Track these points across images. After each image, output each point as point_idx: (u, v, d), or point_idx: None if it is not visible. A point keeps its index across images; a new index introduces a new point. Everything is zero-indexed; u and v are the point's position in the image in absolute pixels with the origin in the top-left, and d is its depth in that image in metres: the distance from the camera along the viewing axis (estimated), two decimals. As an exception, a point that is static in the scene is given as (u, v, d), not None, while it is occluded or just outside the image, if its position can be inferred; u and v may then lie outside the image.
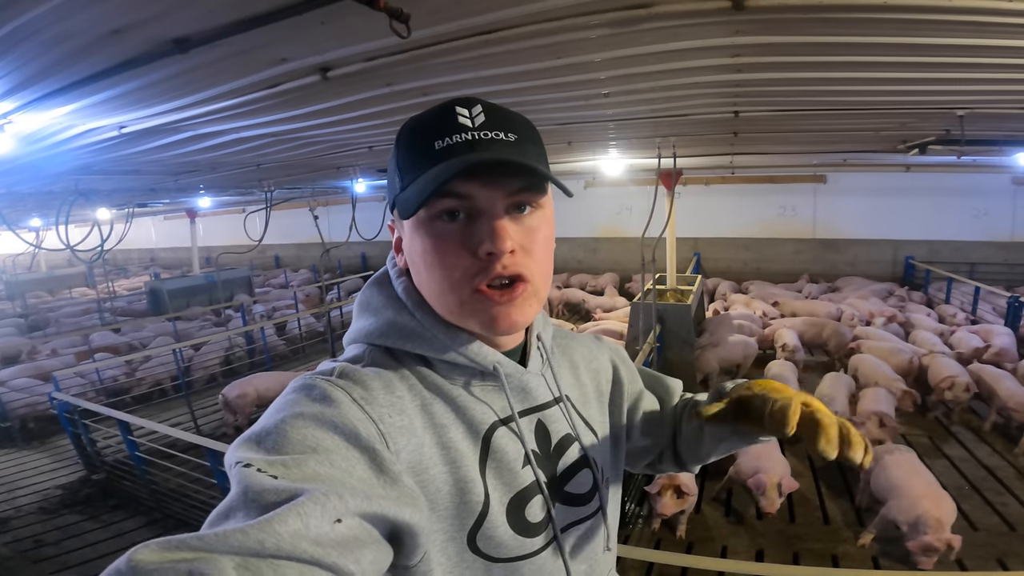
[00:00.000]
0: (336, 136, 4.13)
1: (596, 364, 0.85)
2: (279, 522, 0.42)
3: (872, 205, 8.98)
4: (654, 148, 4.90)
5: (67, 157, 3.68)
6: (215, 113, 2.88)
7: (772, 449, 3.47)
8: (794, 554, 3.24)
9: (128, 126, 3.09)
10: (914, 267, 8.84)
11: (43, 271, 12.36)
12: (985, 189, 8.25)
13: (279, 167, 5.89)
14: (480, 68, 2.34)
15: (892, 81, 2.55)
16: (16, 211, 7.94)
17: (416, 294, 0.67)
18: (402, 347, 0.65)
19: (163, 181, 6.14)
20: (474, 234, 0.60)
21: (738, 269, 9.82)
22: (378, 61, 2.13)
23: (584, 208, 10.55)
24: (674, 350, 5.28)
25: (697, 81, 2.65)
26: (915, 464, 3.30)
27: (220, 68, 2.06)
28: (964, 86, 2.60)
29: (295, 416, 0.53)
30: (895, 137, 4.65)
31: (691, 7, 1.59)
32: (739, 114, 3.49)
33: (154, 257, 16.22)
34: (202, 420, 5.39)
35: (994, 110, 3.18)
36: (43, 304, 10.39)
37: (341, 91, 2.61)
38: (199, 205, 9.50)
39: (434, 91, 2.81)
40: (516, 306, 0.62)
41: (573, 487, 0.72)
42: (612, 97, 3.00)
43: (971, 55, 2.08)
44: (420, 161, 0.61)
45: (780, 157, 6.59)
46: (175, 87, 2.30)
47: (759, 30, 1.89)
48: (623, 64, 2.33)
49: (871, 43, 2.00)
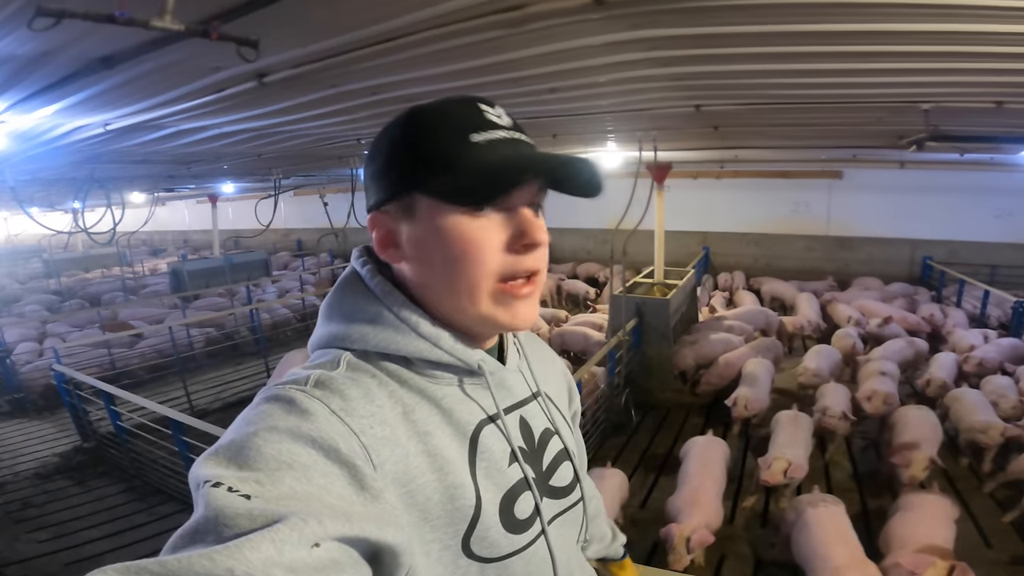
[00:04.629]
0: (318, 130, 4.30)
1: (559, 366, 0.89)
2: (251, 548, 0.39)
3: (890, 203, 8.64)
4: (636, 142, 4.94)
5: (65, 151, 3.98)
6: (185, 112, 3.08)
7: (704, 491, 3.21)
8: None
9: (112, 123, 3.34)
10: (931, 268, 8.52)
11: (80, 251, 13.19)
12: (1008, 188, 7.80)
13: (281, 157, 6.15)
14: (408, 70, 2.46)
15: (830, 73, 2.47)
16: (50, 194, 8.47)
17: (399, 294, 0.65)
18: (382, 349, 0.63)
19: (176, 169, 6.48)
20: (510, 227, 0.61)
21: (747, 264, 9.65)
22: (303, 68, 2.27)
23: (596, 199, 10.51)
24: (652, 345, 5.32)
25: (632, 76, 2.63)
26: (840, 523, 2.81)
27: (159, 78, 2.25)
28: (914, 77, 2.48)
29: (269, 430, 0.50)
30: (888, 132, 4.51)
31: (556, 6, 1.64)
32: (700, 108, 3.47)
33: (187, 239, 17.00)
34: (199, 397, 5.75)
35: (961, 104, 3.06)
36: (77, 282, 11.11)
37: (289, 93, 2.76)
38: (222, 190, 9.94)
39: (383, 90, 2.94)
40: (531, 302, 0.64)
41: (557, 480, 0.73)
42: (559, 93, 3.04)
43: (882, 43, 2.00)
44: (457, 151, 0.59)
45: (782, 152, 6.48)
46: (130, 92, 2.51)
47: (652, 23, 1.88)
48: (548, 61, 2.35)
49: (782, 32, 1.95)
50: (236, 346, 7.23)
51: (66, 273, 11.82)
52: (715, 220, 9.92)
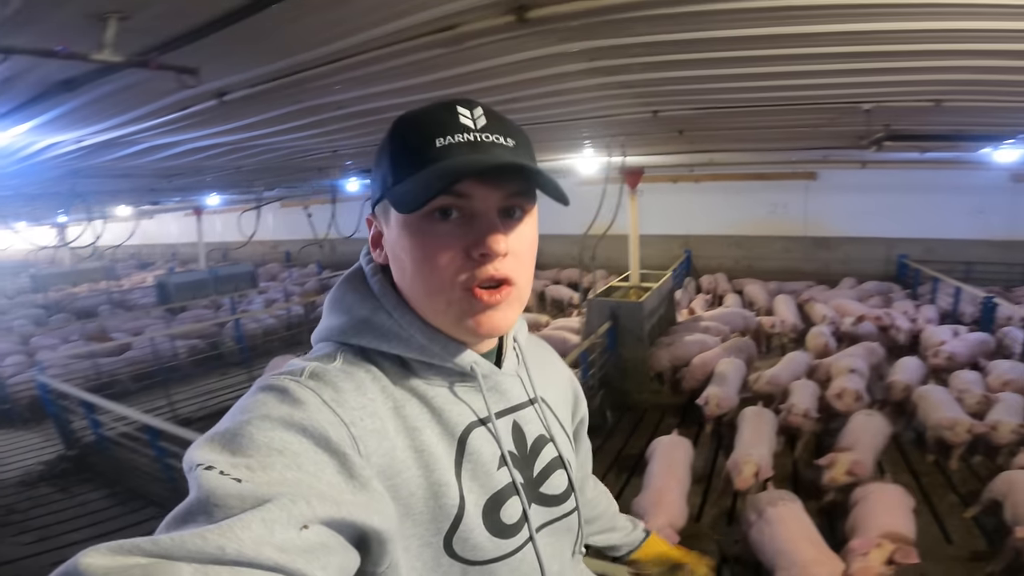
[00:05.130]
0: (292, 143, 4.40)
1: (565, 374, 0.88)
2: (241, 527, 0.41)
3: (865, 202, 8.80)
4: (606, 148, 5.05)
5: (43, 167, 4.06)
6: (155, 128, 3.17)
7: (668, 491, 3.23)
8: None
9: (85, 140, 3.43)
10: (907, 266, 8.67)
11: (67, 265, 13.22)
12: (982, 186, 7.99)
13: (261, 170, 6.24)
14: (364, 86, 2.57)
15: (772, 76, 2.56)
16: (36, 209, 8.53)
17: (394, 293, 0.66)
18: (377, 347, 0.64)
19: (158, 183, 6.56)
20: (469, 234, 0.60)
21: (729, 267, 9.77)
22: (261, 87, 2.37)
23: (577, 205, 10.62)
24: (628, 347, 5.42)
25: (582, 85, 2.73)
26: (801, 520, 2.85)
27: (121, 99, 2.35)
28: (853, 77, 2.54)
29: (262, 418, 0.51)
30: (848, 133, 4.58)
31: (485, 25, 1.74)
32: (658, 113, 3.55)
33: (175, 252, 16.95)
34: (183, 406, 5.83)
35: (900, 103, 3.12)
36: (65, 297, 11.15)
37: (252, 110, 2.86)
38: (207, 203, 10.01)
39: (348, 104, 3.04)
40: (501, 310, 0.62)
41: (548, 488, 0.72)
42: (519, 103, 3.13)
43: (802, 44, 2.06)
44: (419, 157, 0.60)
45: (755, 154, 6.60)
46: (96, 112, 2.60)
47: (586, 35, 1.98)
48: (493, 75, 2.45)
49: (717, 38, 2.02)
50: (221, 356, 7.30)
51: (54, 288, 11.87)
52: (696, 223, 10.06)
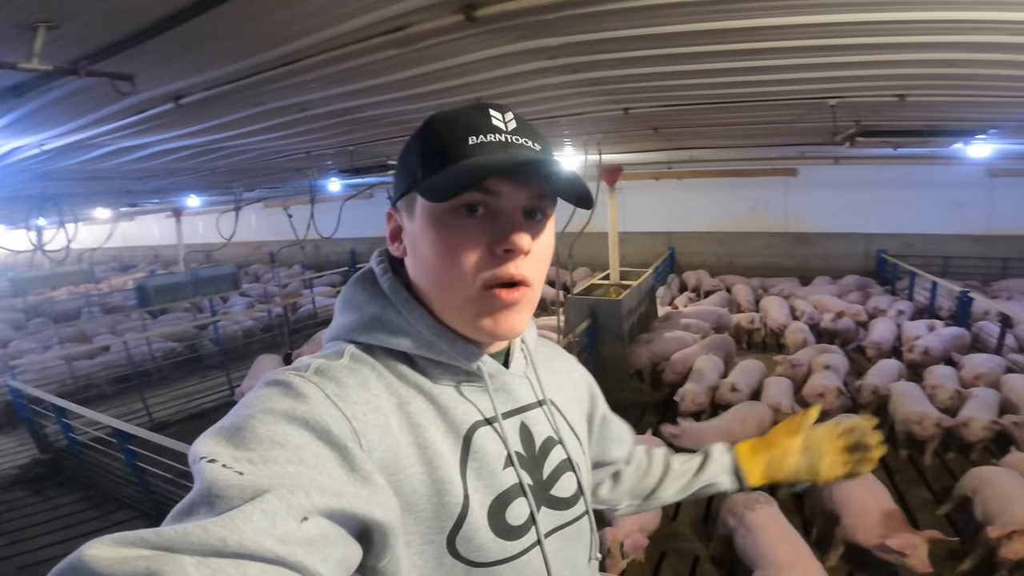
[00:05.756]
0: (263, 144, 4.34)
1: (576, 375, 0.88)
2: (243, 519, 0.41)
3: (844, 198, 8.88)
4: (582, 146, 5.05)
5: (9, 171, 3.99)
6: (115, 131, 3.11)
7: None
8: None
9: (47, 144, 3.36)
10: (886, 261, 8.76)
11: (46, 269, 13.01)
12: (959, 181, 8.08)
13: (237, 171, 6.17)
14: (322, 88, 2.54)
15: (736, 71, 2.52)
16: (11, 212, 8.39)
17: (404, 290, 0.67)
18: (385, 344, 0.65)
19: (132, 185, 6.47)
20: (494, 230, 0.61)
21: (712, 263, 9.82)
22: (215, 90, 2.33)
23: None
24: (607, 345, 5.43)
25: (547, 83, 2.69)
26: (781, 523, 2.87)
27: (72, 103, 2.31)
28: (816, 72, 2.50)
29: (265, 412, 0.52)
30: (820, 129, 4.56)
31: (434, 25, 1.73)
32: (629, 111, 3.54)
33: (157, 254, 16.73)
34: (159, 409, 5.77)
35: (864, 98, 3.11)
36: (44, 301, 10.97)
37: (212, 113, 2.82)
38: (187, 204, 9.90)
39: (311, 106, 3.01)
40: (517, 310, 0.63)
41: (558, 491, 0.71)
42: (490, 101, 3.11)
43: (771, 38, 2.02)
44: (452, 152, 0.61)
45: (733, 151, 6.62)
46: (51, 116, 2.55)
47: (544, 33, 1.95)
48: (449, 76, 2.42)
49: (677, 32, 1.97)
50: (200, 359, 7.22)
51: (34, 292, 11.68)
52: (679, 220, 10.10)
